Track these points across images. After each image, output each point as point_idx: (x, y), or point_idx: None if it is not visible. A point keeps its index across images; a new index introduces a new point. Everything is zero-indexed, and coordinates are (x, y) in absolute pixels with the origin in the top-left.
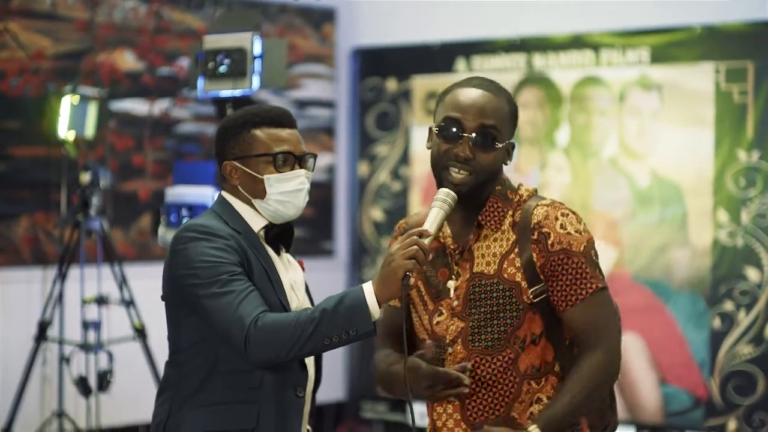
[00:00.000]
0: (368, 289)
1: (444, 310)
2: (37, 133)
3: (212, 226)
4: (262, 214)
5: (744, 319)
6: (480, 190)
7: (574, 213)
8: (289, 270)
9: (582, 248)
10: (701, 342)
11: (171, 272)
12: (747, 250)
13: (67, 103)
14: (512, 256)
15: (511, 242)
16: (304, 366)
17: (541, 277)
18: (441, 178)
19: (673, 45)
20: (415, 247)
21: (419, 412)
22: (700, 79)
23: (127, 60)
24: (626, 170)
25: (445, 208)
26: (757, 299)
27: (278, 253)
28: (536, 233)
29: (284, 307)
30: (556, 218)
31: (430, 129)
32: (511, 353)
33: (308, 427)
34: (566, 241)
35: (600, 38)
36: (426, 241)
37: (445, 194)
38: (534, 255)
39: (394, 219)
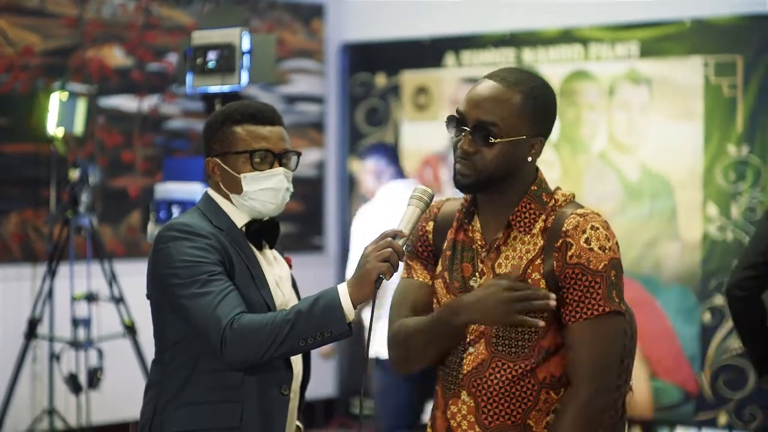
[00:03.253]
0: (343, 290)
1: None
2: (26, 129)
3: (194, 225)
4: (241, 210)
5: None
6: (488, 185)
7: (606, 229)
8: (274, 266)
9: (601, 267)
10: (691, 336)
11: (153, 271)
12: (737, 244)
13: (56, 99)
14: (538, 261)
15: (538, 247)
16: (289, 364)
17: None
18: (453, 175)
19: (662, 39)
20: (389, 249)
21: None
22: (689, 73)
23: (116, 56)
24: (616, 164)
25: (421, 206)
26: None
27: (260, 248)
28: (561, 241)
29: (267, 304)
30: (584, 231)
31: None
32: (534, 362)
33: (298, 423)
34: (586, 257)
35: (589, 32)
36: (400, 242)
37: (421, 192)
38: (555, 263)
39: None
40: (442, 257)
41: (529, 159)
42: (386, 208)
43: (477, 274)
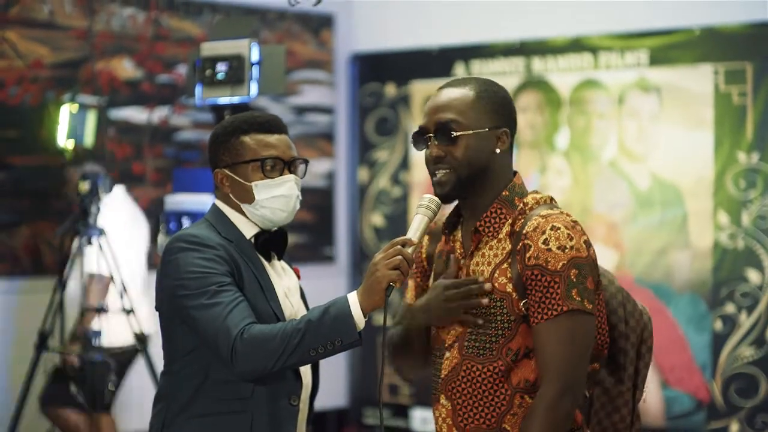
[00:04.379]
0: (353, 299)
1: None
2: (37, 142)
3: (202, 236)
4: (252, 220)
5: (745, 322)
6: (467, 186)
7: (569, 228)
8: (283, 277)
9: (559, 266)
10: (703, 344)
11: (162, 283)
12: (748, 251)
13: (66, 111)
14: (505, 265)
15: (506, 252)
16: (298, 374)
17: None
18: (433, 188)
19: (672, 47)
20: (399, 257)
21: (423, 418)
22: (699, 80)
23: (126, 68)
24: (626, 173)
25: (429, 215)
26: (758, 301)
27: (269, 260)
28: (521, 244)
29: (276, 315)
30: (543, 232)
31: None
32: (502, 365)
33: None
34: (543, 257)
35: (598, 41)
36: (409, 250)
37: (429, 200)
38: (519, 266)
39: (395, 224)
40: (434, 270)
41: (498, 150)
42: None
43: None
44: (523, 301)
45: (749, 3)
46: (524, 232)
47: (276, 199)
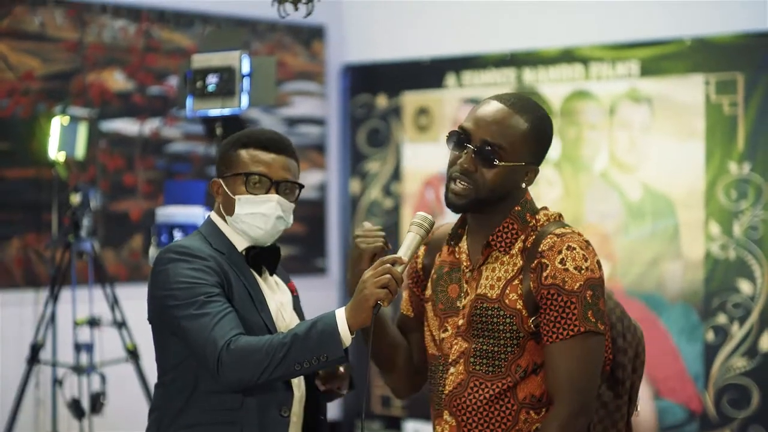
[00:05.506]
0: (340, 315)
1: (449, 327)
2: (28, 154)
3: (192, 247)
4: (236, 232)
5: (737, 332)
6: (482, 206)
7: (584, 249)
8: (276, 292)
9: (576, 287)
10: (695, 355)
11: (152, 294)
12: (739, 262)
13: (57, 123)
14: (516, 282)
15: (517, 268)
16: (289, 385)
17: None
18: (445, 193)
19: (663, 58)
20: (388, 276)
21: (416, 430)
22: (690, 91)
23: (117, 80)
24: (617, 183)
25: (422, 233)
26: (750, 312)
27: (260, 273)
28: (536, 262)
29: (267, 326)
30: (560, 252)
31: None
32: (511, 381)
33: None
34: (561, 277)
35: (589, 52)
36: (399, 269)
37: (422, 218)
38: (531, 284)
39: (387, 236)
40: (431, 280)
41: (523, 185)
42: None
43: (462, 294)
44: (532, 318)
45: (740, 13)
46: (540, 250)
47: (255, 216)
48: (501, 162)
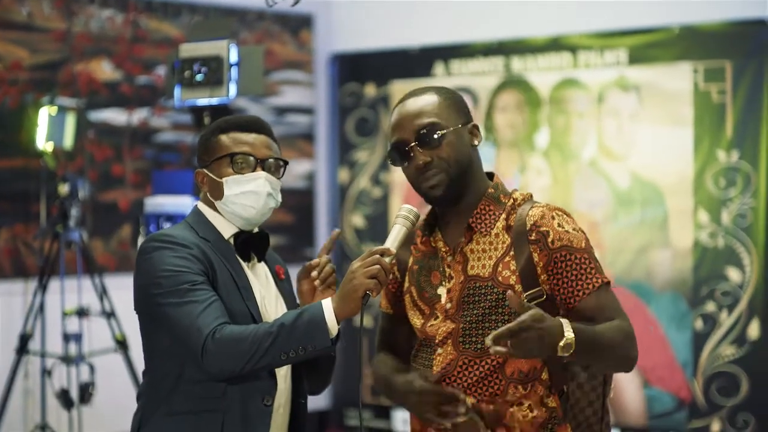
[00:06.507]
0: (327, 305)
1: (438, 314)
2: (16, 144)
3: (176, 236)
4: (225, 217)
5: (726, 320)
6: (460, 186)
7: (568, 215)
8: (264, 283)
9: (583, 245)
10: (684, 343)
11: (137, 282)
12: (728, 250)
13: (45, 114)
14: (507, 259)
15: (506, 245)
16: (272, 375)
17: (543, 277)
18: (425, 195)
19: (651, 45)
20: (377, 266)
21: (402, 419)
22: (678, 79)
23: (105, 70)
24: (606, 172)
25: (408, 225)
26: (738, 300)
27: (248, 260)
28: (534, 233)
29: (252, 314)
30: (553, 217)
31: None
32: (500, 357)
33: None
34: (566, 238)
35: (578, 40)
36: (387, 259)
37: (407, 211)
38: (535, 255)
39: (375, 225)
40: (409, 273)
41: (475, 143)
42: None
43: (445, 280)
44: (528, 293)
45: (728, 1)
46: (532, 222)
47: (245, 195)
48: (442, 132)
